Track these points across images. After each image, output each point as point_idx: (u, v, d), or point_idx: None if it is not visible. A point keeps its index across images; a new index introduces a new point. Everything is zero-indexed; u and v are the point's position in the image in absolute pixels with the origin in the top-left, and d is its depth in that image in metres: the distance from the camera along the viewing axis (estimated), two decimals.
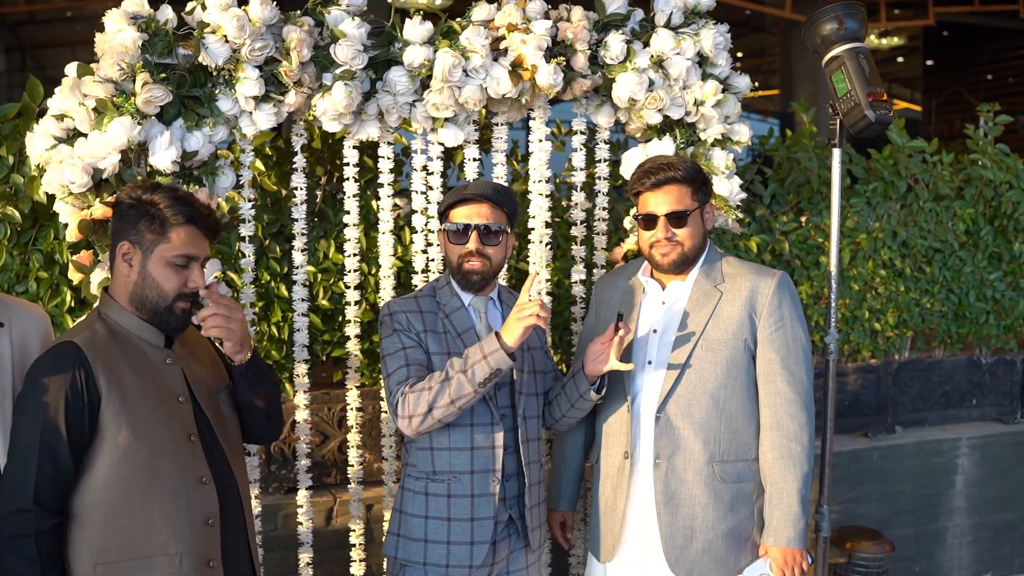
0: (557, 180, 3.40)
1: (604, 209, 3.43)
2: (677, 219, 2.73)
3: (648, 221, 2.77)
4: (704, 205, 2.80)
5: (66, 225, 2.78)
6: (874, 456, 4.54)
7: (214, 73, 2.76)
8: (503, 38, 3.00)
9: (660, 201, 2.74)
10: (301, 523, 3.22)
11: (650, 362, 2.80)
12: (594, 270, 3.47)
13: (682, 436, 2.73)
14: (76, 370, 2.11)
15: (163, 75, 2.69)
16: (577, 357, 3.00)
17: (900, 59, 15.38)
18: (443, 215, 2.74)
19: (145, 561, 2.15)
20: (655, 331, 2.81)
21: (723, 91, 3.21)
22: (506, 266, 3.30)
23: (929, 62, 15.97)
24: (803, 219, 4.30)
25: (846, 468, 4.43)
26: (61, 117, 2.69)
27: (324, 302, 3.57)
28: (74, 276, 2.81)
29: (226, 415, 2.38)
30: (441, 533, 2.65)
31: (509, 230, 2.75)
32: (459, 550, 2.64)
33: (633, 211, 2.91)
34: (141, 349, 2.24)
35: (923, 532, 4.70)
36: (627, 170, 3.30)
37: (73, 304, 3.11)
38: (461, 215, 2.68)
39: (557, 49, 3.06)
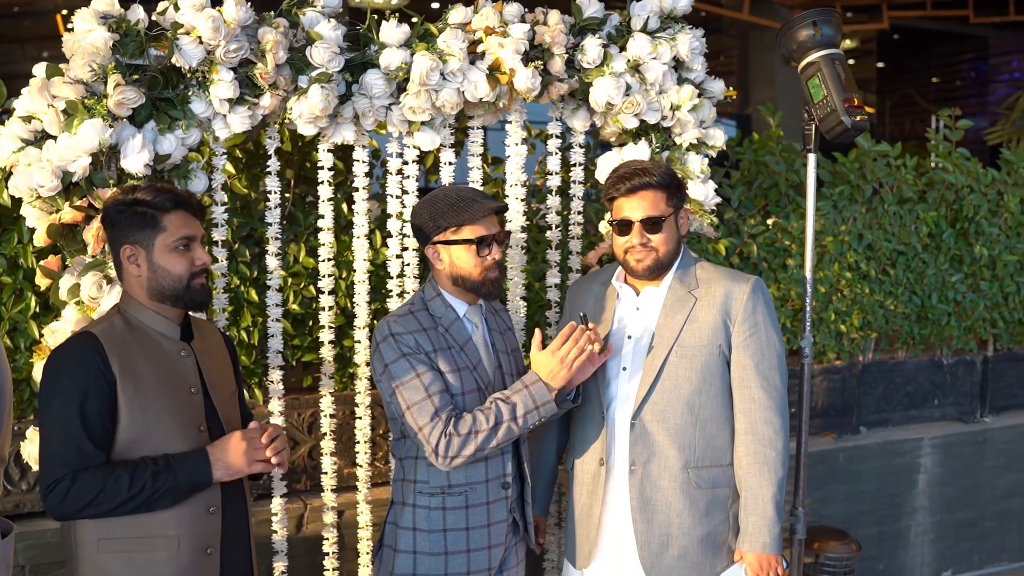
0: (527, 183, 3.39)
1: (579, 213, 3.43)
2: (652, 225, 2.71)
3: (623, 227, 2.75)
4: (679, 210, 2.79)
5: (32, 229, 2.72)
6: (840, 457, 4.59)
7: (187, 75, 2.71)
8: (480, 41, 2.98)
9: (635, 207, 2.72)
10: (276, 531, 3.18)
11: (624, 368, 2.79)
12: (569, 274, 3.46)
13: (657, 443, 2.73)
14: (92, 357, 2.19)
15: (135, 76, 2.64)
16: None
17: (852, 61, 15.61)
18: (446, 229, 2.60)
19: (146, 541, 2.23)
20: (629, 337, 2.80)
21: (699, 95, 3.22)
22: None
23: (880, 64, 16.24)
24: (770, 222, 4.33)
25: (813, 469, 4.47)
26: (29, 119, 2.63)
27: (295, 306, 3.52)
28: (41, 282, 2.75)
29: (233, 415, 2.46)
30: (461, 543, 2.63)
31: None
32: (478, 556, 2.64)
33: (608, 216, 2.89)
34: (156, 341, 2.32)
35: (887, 531, 4.76)
36: (602, 174, 3.30)
37: (38, 310, 3.04)
38: (481, 228, 2.59)
39: (534, 53, 3.05)
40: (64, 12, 10.52)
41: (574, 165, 3.39)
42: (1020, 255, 4.89)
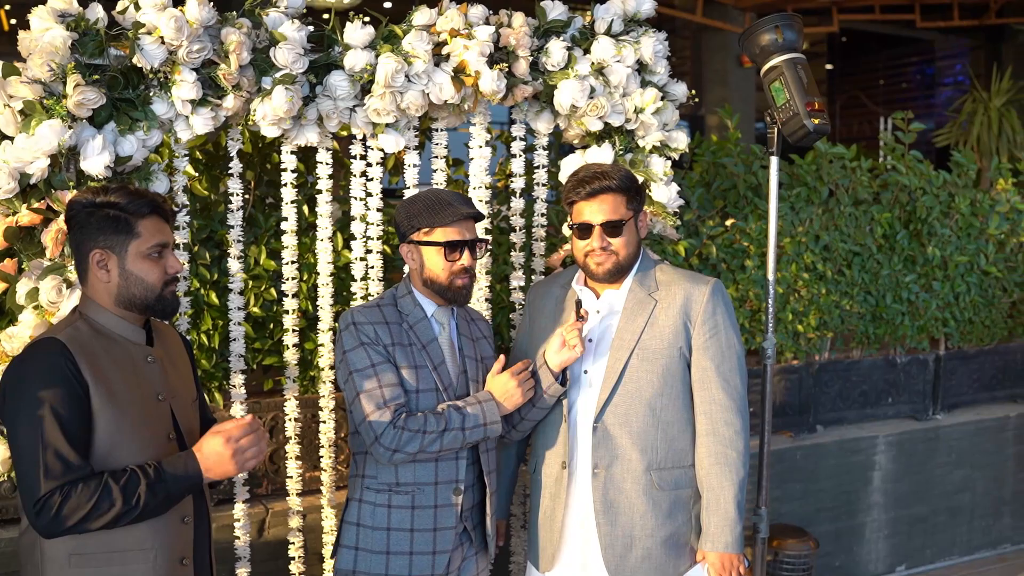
0: (490, 185, 3.39)
1: (542, 215, 3.43)
2: (612, 228, 2.72)
3: (583, 230, 2.75)
4: (638, 213, 2.80)
5: None
6: (797, 455, 4.64)
7: (149, 75, 2.66)
8: (444, 43, 2.97)
9: (595, 210, 2.73)
10: (238, 537, 3.14)
11: (586, 372, 2.79)
12: (532, 276, 3.46)
13: (620, 445, 2.74)
14: (63, 363, 2.09)
15: (95, 77, 2.59)
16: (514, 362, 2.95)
17: None
18: (419, 229, 2.64)
19: (120, 554, 2.16)
20: (590, 340, 2.80)
21: (661, 98, 3.23)
22: None
23: (829, 67, 16.46)
24: (728, 223, 4.37)
25: (771, 467, 4.51)
26: None
27: (255, 309, 3.48)
28: None
29: (194, 423, 2.39)
30: (404, 544, 2.62)
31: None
32: (421, 560, 2.62)
33: (569, 219, 2.90)
34: (123, 347, 2.23)
35: (843, 528, 4.83)
36: (566, 176, 3.30)
37: None
38: (453, 232, 2.61)
39: (498, 55, 3.04)
40: (7, 7, 10.30)
41: (537, 167, 3.40)
42: (970, 256, 4.99)
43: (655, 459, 2.74)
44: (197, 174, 3.49)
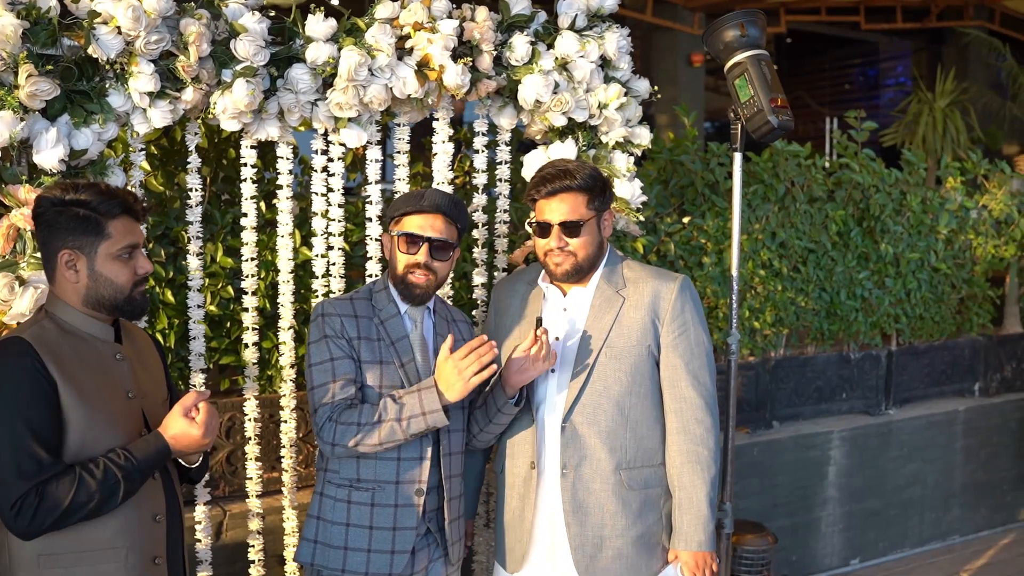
0: (452, 181, 3.36)
1: (504, 211, 3.41)
2: (571, 228, 2.68)
3: (542, 229, 2.72)
4: (601, 213, 2.76)
5: None
6: (754, 451, 4.68)
7: (105, 66, 2.59)
8: (408, 37, 2.93)
9: (555, 209, 2.69)
10: (199, 540, 3.08)
11: (553, 371, 2.76)
12: (495, 273, 3.44)
13: (588, 445, 2.71)
14: (29, 362, 2.04)
15: (48, 67, 2.50)
16: None
17: None
18: (391, 219, 2.66)
19: (91, 554, 2.12)
20: (557, 339, 2.77)
21: (625, 94, 3.22)
22: None
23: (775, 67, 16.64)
24: (686, 220, 4.38)
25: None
26: None
27: (212, 307, 3.41)
28: None
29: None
30: (362, 541, 2.59)
31: (457, 246, 2.70)
32: (379, 558, 2.59)
33: (530, 217, 2.87)
34: (91, 345, 2.18)
35: (799, 523, 4.87)
36: (529, 173, 3.28)
37: None
38: (414, 224, 2.60)
39: (462, 49, 3.01)
40: None
41: (499, 163, 3.37)
42: (921, 253, 5.07)
43: (624, 458, 2.72)
44: (152, 169, 3.41)
